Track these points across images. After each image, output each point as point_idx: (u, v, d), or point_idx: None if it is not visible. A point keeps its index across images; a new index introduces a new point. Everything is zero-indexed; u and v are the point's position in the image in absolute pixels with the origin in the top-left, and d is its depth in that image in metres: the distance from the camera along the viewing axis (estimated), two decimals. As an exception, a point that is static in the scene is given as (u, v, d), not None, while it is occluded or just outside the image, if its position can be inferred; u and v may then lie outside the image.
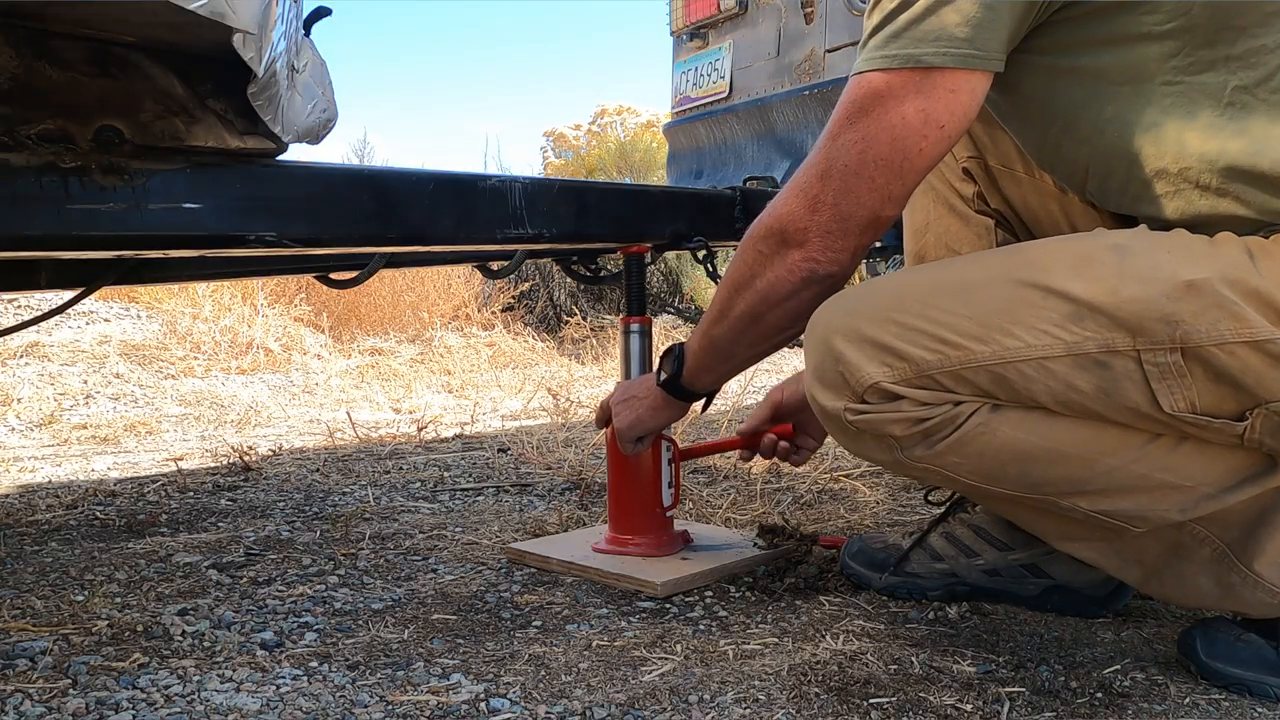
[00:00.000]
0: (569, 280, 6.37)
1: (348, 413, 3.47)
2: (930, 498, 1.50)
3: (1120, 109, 1.02)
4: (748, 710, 1.03)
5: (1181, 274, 0.93)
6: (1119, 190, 1.08)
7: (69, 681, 1.11)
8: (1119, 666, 1.14)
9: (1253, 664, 1.07)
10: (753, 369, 1.57)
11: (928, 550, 1.38)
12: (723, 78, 3.18)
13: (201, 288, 4.85)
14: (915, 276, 1.11)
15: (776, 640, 1.23)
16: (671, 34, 3.74)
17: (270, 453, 2.71)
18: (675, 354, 1.32)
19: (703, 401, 1.40)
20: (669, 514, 1.56)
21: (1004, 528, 1.34)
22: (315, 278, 1.68)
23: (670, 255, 4.12)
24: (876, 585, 1.38)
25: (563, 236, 1.47)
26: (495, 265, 1.75)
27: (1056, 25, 1.01)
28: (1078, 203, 1.23)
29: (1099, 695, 1.06)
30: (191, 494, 2.16)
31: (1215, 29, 0.97)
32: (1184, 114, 0.99)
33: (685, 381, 1.32)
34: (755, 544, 1.58)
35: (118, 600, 1.41)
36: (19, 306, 4.42)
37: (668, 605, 1.37)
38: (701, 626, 1.28)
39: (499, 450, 2.69)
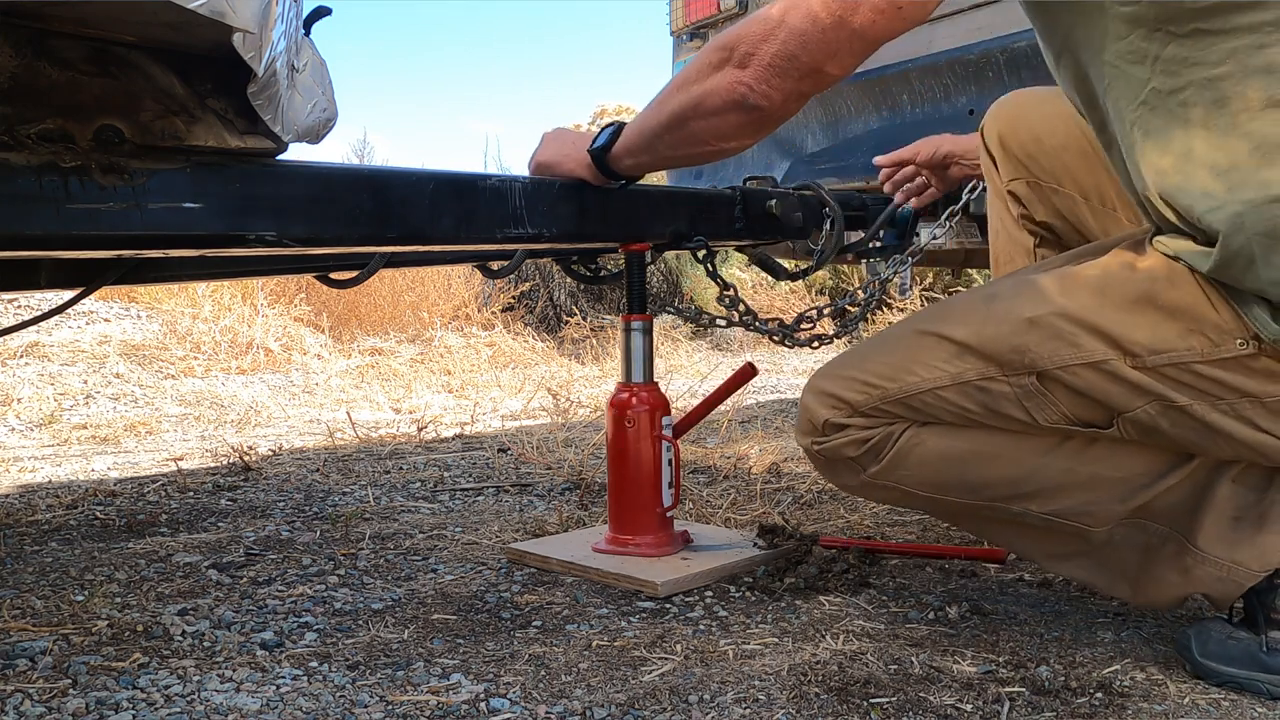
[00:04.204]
0: (569, 280, 6.36)
1: (348, 413, 3.46)
2: None
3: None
4: (748, 710, 1.03)
5: (1025, 313, 1.10)
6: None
7: (69, 681, 1.11)
8: (1119, 666, 1.14)
9: (1244, 662, 1.09)
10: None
11: None
12: (723, 78, 3.17)
13: (201, 288, 4.85)
14: (869, 339, 1.29)
15: (776, 640, 1.23)
16: (671, 34, 3.73)
17: (270, 453, 2.71)
18: (613, 129, 1.38)
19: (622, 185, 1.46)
20: (669, 514, 1.56)
21: None
22: (315, 278, 1.67)
23: (670, 255, 4.12)
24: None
25: (563, 236, 1.46)
26: (495, 265, 1.75)
27: None
28: (1114, 212, 1.31)
29: (1099, 695, 1.06)
30: (191, 494, 2.16)
31: (1154, 26, 0.99)
32: (1115, 96, 1.05)
33: (611, 154, 1.38)
34: (755, 544, 1.58)
35: (118, 600, 1.40)
36: (19, 306, 4.41)
37: (668, 605, 1.37)
38: (701, 626, 1.28)
39: (499, 450, 2.69)
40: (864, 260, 2.21)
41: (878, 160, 1.78)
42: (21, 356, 4.08)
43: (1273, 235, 0.95)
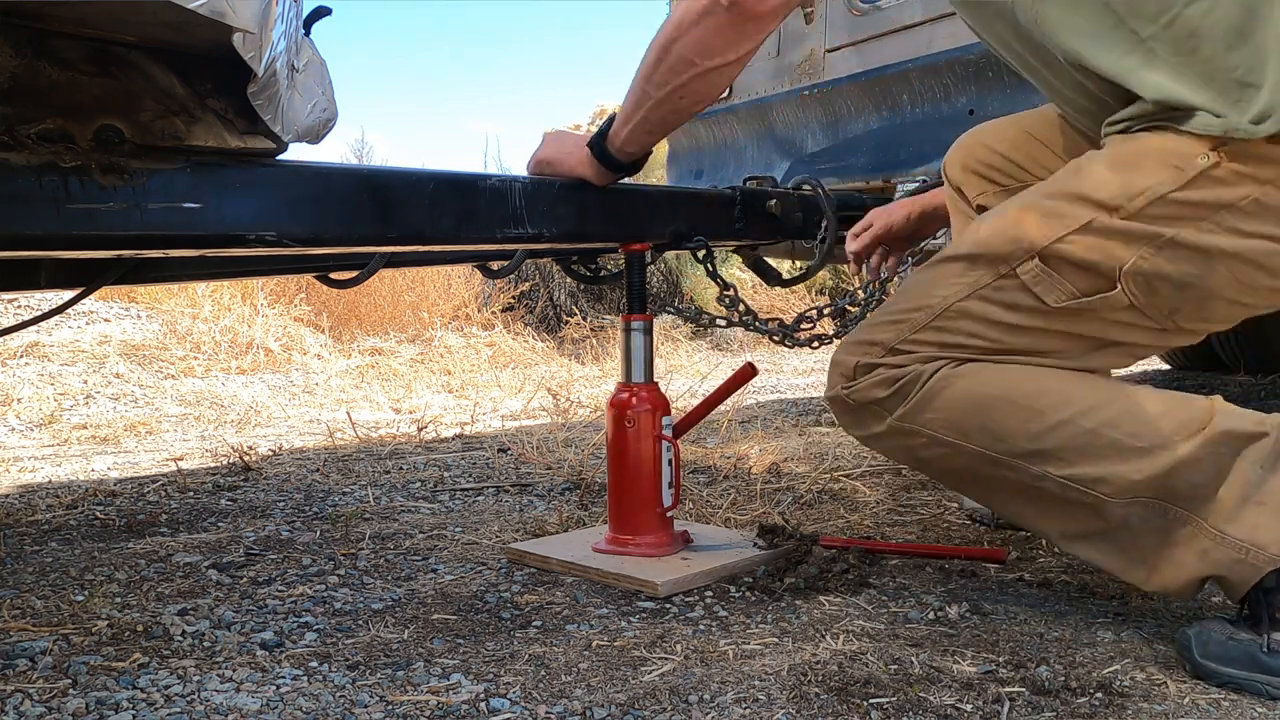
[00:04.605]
0: (569, 280, 6.36)
1: (348, 413, 3.46)
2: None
3: None
4: (748, 710, 1.03)
5: (1012, 206, 1.21)
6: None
7: (69, 681, 1.11)
8: (1119, 666, 1.14)
9: (1244, 663, 1.09)
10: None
11: None
12: (723, 78, 3.18)
13: (201, 288, 4.85)
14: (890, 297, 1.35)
15: (776, 640, 1.23)
16: (671, 34, 3.73)
17: (270, 453, 2.71)
18: (611, 118, 1.41)
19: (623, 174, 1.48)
20: (669, 514, 1.56)
21: None
22: (315, 278, 1.68)
23: (670, 255, 4.12)
24: None
25: (563, 236, 1.46)
26: (495, 265, 1.75)
27: None
28: None
29: (1099, 695, 1.06)
30: (191, 494, 2.16)
31: None
32: (1035, 18, 1.17)
33: (610, 135, 1.40)
34: (755, 544, 1.58)
35: (118, 600, 1.40)
36: (19, 306, 4.41)
37: (668, 605, 1.37)
38: (701, 626, 1.28)
39: (499, 450, 2.69)
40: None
41: (851, 250, 1.77)
42: (21, 356, 4.08)
43: (1182, 52, 1.08)
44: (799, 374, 5.10)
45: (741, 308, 1.66)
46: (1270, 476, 1.10)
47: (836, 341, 1.78)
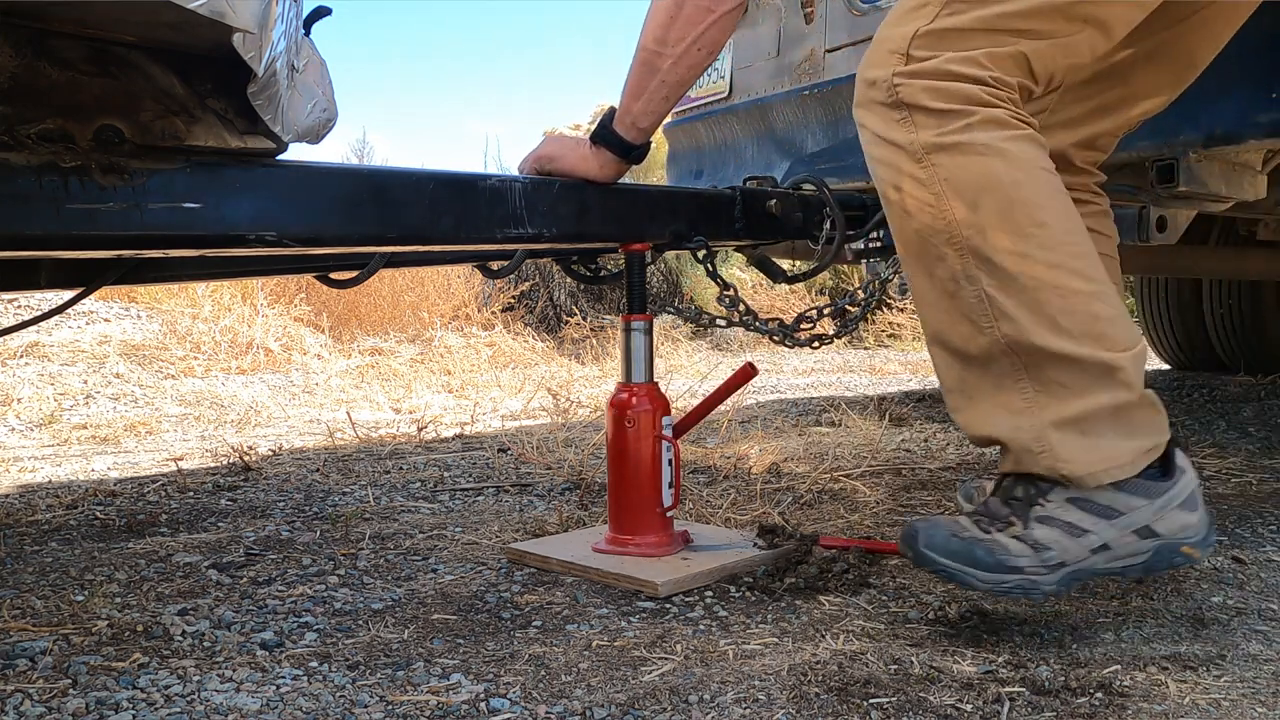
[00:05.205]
0: (569, 280, 6.37)
1: (348, 413, 3.47)
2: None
3: None
4: (748, 710, 1.03)
5: None
6: None
7: (69, 681, 1.11)
8: (1119, 666, 1.14)
9: (961, 558, 1.17)
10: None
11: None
12: (723, 77, 3.18)
13: (201, 288, 4.85)
14: None
15: (776, 640, 1.23)
16: (671, 34, 3.73)
17: (270, 453, 2.71)
18: (609, 112, 1.44)
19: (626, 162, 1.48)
20: (669, 514, 1.56)
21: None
22: (315, 278, 1.68)
23: (670, 255, 4.12)
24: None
25: (563, 236, 1.47)
26: (495, 265, 1.75)
27: None
28: None
29: (1099, 695, 1.06)
30: (191, 494, 2.16)
31: None
32: None
33: (618, 118, 1.43)
34: (755, 544, 1.58)
35: (118, 600, 1.41)
36: (19, 306, 4.41)
37: (668, 605, 1.37)
38: (701, 626, 1.28)
39: (499, 450, 2.69)
40: (864, 260, 2.21)
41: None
42: (21, 356, 4.08)
43: None
44: (799, 374, 5.10)
45: (741, 308, 1.66)
46: (1112, 427, 1.16)
47: (837, 341, 1.78)
